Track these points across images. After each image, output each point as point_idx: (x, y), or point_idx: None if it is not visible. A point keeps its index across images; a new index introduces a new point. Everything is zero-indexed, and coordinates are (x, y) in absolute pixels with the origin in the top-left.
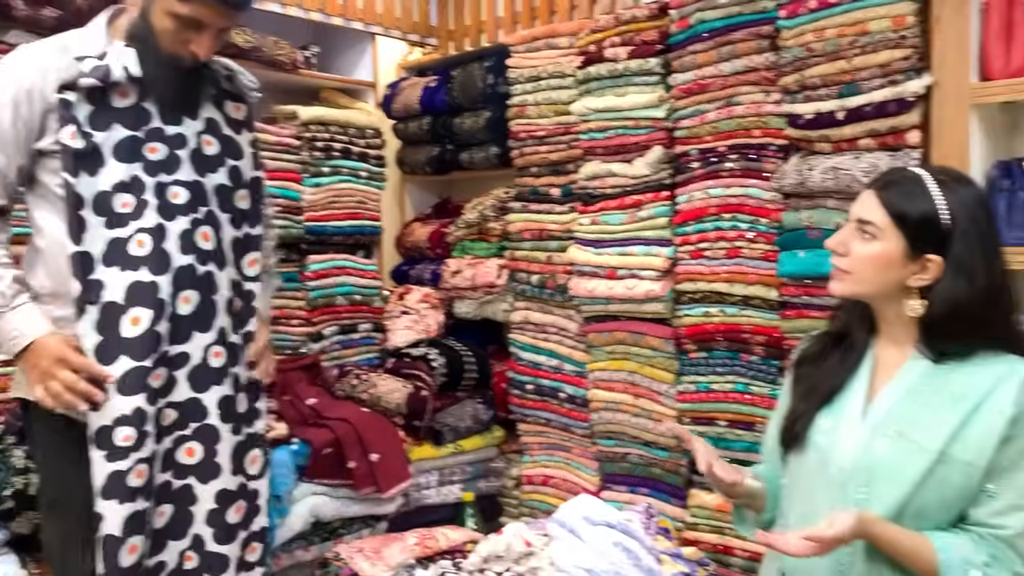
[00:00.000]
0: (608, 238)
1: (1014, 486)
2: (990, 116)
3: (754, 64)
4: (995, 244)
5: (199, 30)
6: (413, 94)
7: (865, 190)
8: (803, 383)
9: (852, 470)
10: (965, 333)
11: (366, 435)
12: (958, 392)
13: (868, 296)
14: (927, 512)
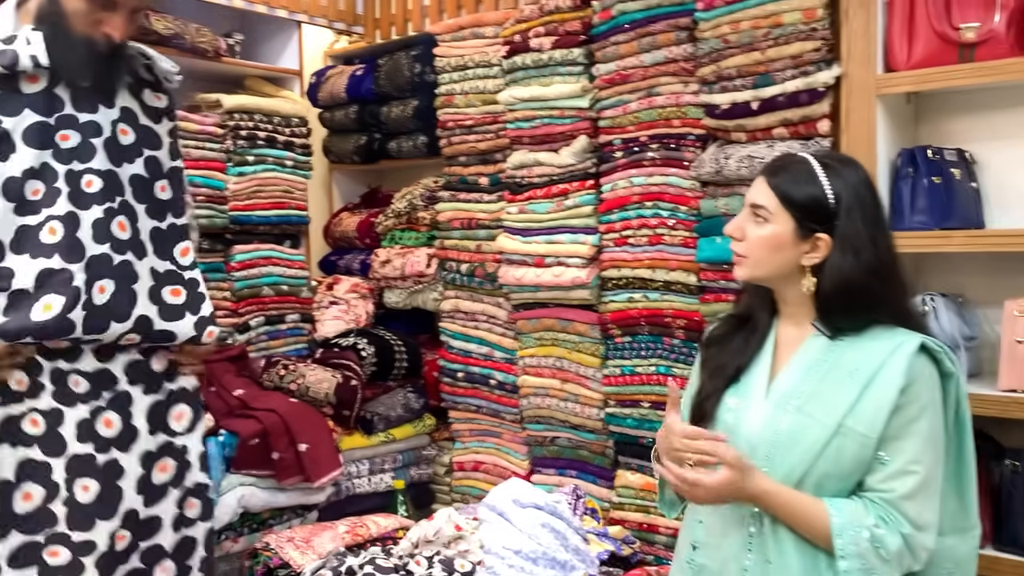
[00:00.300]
0: (536, 226)
1: (902, 453)
2: (895, 106)
3: (673, 55)
4: (880, 222)
5: (112, 10)
6: (339, 82)
7: (758, 177)
8: (711, 364)
9: (756, 444)
10: (856, 308)
11: (294, 425)
12: (852, 367)
13: (766, 278)
14: (826, 482)
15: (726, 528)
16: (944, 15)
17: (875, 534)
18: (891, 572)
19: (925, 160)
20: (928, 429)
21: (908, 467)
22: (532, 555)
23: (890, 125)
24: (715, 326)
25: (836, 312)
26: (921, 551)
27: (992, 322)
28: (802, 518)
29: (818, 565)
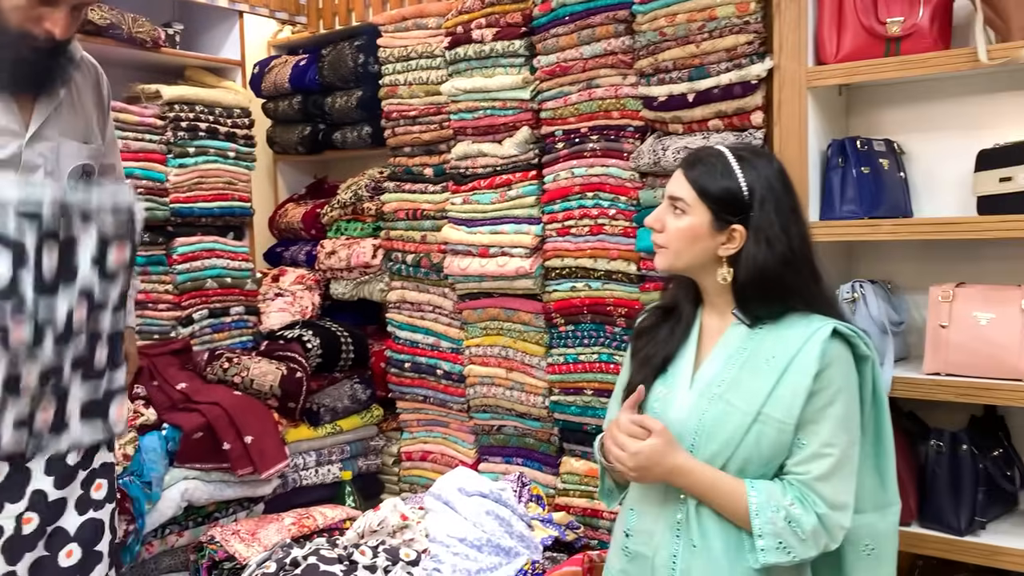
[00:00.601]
0: (480, 217)
1: (817, 436)
2: (827, 98)
3: (612, 47)
4: (793, 212)
5: (53, 5)
6: (283, 73)
7: (676, 170)
8: (639, 355)
9: (681, 432)
10: (771, 297)
11: (239, 418)
12: (770, 354)
13: (685, 268)
14: (747, 467)
15: (656, 515)
16: (871, 9)
17: (791, 514)
18: (807, 550)
19: (854, 151)
20: (842, 412)
21: (823, 450)
22: (477, 542)
23: (821, 117)
24: (643, 317)
25: (752, 301)
26: (837, 530)
27: (920, 308)
28: (724, 497)
29: (741, 546)
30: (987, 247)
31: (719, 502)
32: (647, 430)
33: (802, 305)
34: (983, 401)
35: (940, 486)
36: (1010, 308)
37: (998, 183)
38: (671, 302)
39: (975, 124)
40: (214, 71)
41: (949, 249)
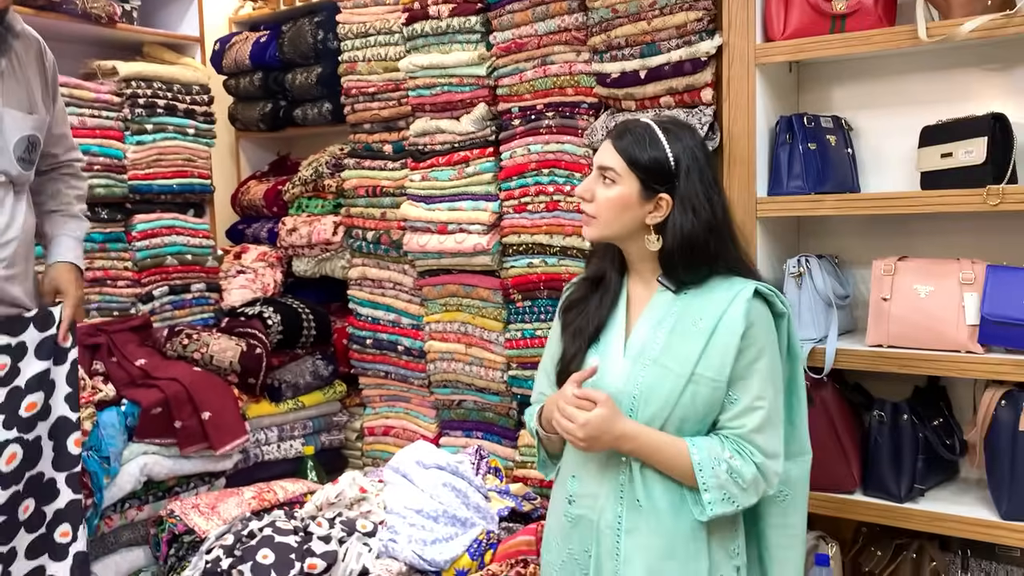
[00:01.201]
0: (438, 194)
1: (748, 391)
2: (777, 75)
3: (566, 24)
4: (715, 182)
5: None
6: (244, 49)
7: (604, 141)
8: (571, 327)
9: (619, 398)
10: (696, 262)
11: (197, 394)
12: (697, 316)
13: (615, 237)
14: (684, 425)
15: (599, 480)
16: None
17: (732, 466)
18: (748, 498)
19: (801, 127)
20: (768, 367)
21: (754, 403)
22: (433, 513)
23: (770, 93)
24: (571, 291)
25: (678, 267)
26: (773, 476)
27: (866, 282)
28: (667, 456)
29: (684, 501)
30: (928, 221)
31: (664, 463)
32: (592, 401)
33: (724, 269)
34: (924, 372)
35: (882, 455)
36: (948, 281)
37: (940, 159)
38: (597, 273)
39: (920, 100)
40: (173, 47)
41: (893, 224)
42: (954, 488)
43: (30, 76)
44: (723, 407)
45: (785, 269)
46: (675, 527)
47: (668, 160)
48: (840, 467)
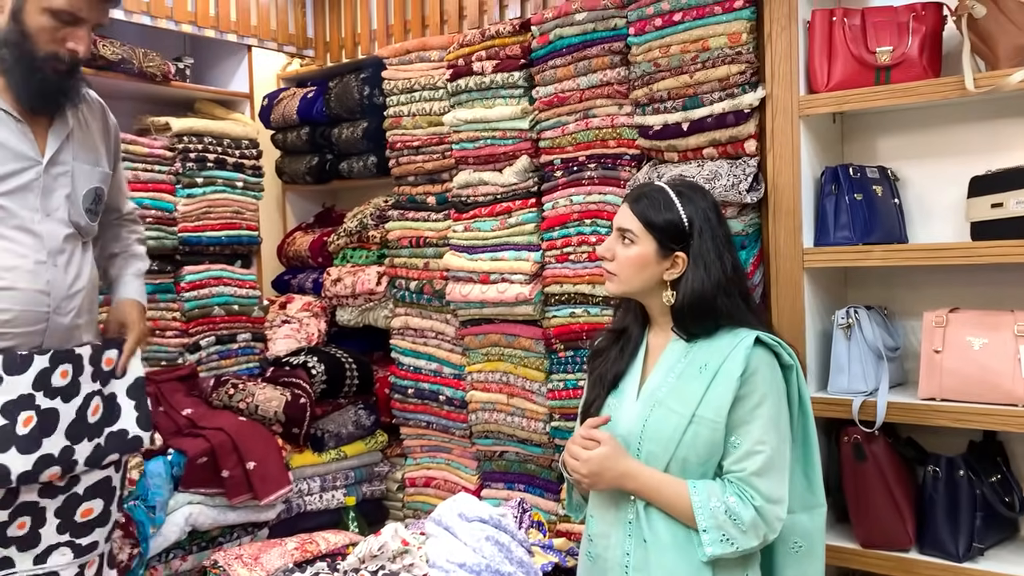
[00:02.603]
0: (481, 244)
1: (749, 435)
2: (821, 125)
3: (608, 78)
4: (727, 241)
5: (76, 24)
6: (291, 104)
7: (623, 204)
8: (594, 374)
9: (628, 438)
10: (706, 315)
11: (242, 443)
12: (703, 363)
13: (634, 292)
14: (688, 465)
15: (611, 518)
16: (861, 39)
17: (730, 507)
18: (748, 541)
19: (847, 178)
20: (771, 413)
21: (755, 447)
22: (476, 568)
23: (815, 144)
24: (598, 341)
25: (688, 320)
26: (774, 521)
27: (916, 333)
28: (668, 495)
29: (689, 540)
30: (980, 272)
31: (665, 501)
32: (596, 441)
33: (731, 322)
34: (979, 426)
35: (938, 512)
36: (1003, 333)
37: (990, 209)
38: (620, 325)
39: (968, 150)
40: (223, 103)
41: (942, 274)
42: (1014, 547)
43: (95, 134)
44: (726, 451)
45: (833, 320)
46: (680, 565)
47: (682, 222)
48: (894, 524)
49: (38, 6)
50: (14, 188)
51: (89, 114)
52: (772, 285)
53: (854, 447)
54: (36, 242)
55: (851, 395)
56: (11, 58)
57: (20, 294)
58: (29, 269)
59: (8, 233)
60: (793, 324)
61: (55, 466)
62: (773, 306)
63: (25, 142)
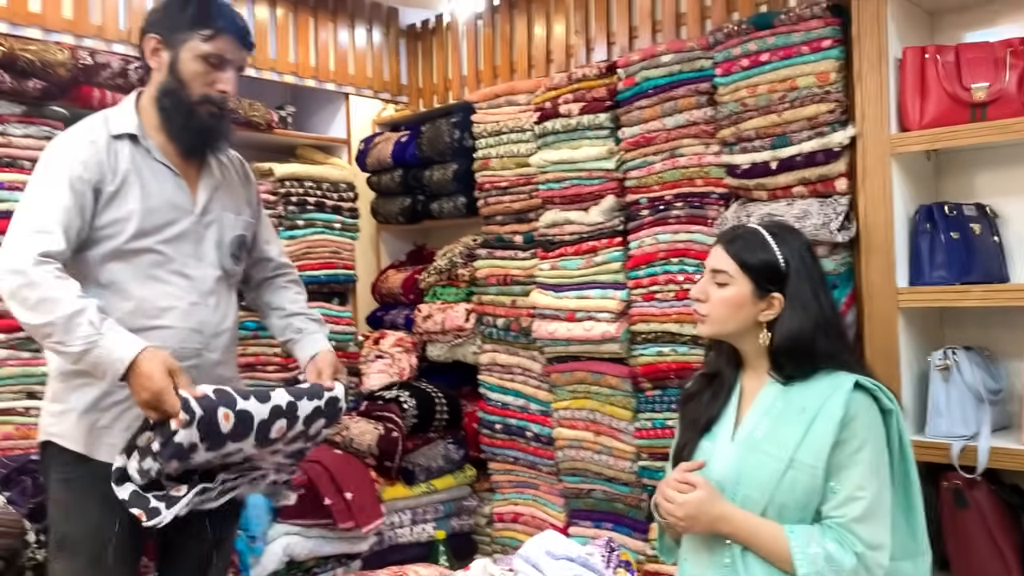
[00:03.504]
0: (567, 282)
1: (849, 481)
2: (914, 163)
3: (694, 118)
4: (822, 280)
5: (223, 67)
6: (386, 149)
7: (715, 245)
8: (687, 418)
9: (723, 482)
10: (803, 358)
11: (339, 475)
12: (801, 407)
13: (729, 334)
14: (786, 511)
15: (706, 562)
16: (955, 76)
17: (830, 553)
18: None
19: (942, 216)
20: (871, 459)
21: (856, 493)
22: None
23: (908, 182)
24: (689, 385)
25: (786, 361)
26: (876, 568)
27: (1021, 375)
28: (764, 540)
29: None
30: None
31: (761, 546)
32: (691, 484)
33: (831, 363)
34: None
35: None
36: None
37: None
38: (714, 369)
39: None
40: (323, 148)
41: None
42: None
43: (237, 186)
44: (824, 497)
45: (930, 362)
46: None
47: (778, 262)
48: (998, 574)
49: (190, 54)
50: (172, 236)
51: (231, 167)
52: (865, 325)
53: (954, 494)
54: (190, 284)
55: (950, 439)
56: (171, 106)
57: (176, 332)
58: (184, 309)
59: (166, 276)
60: (888, 365)
61: (283, 418)
62: (867, 347)
63: (181, 194)
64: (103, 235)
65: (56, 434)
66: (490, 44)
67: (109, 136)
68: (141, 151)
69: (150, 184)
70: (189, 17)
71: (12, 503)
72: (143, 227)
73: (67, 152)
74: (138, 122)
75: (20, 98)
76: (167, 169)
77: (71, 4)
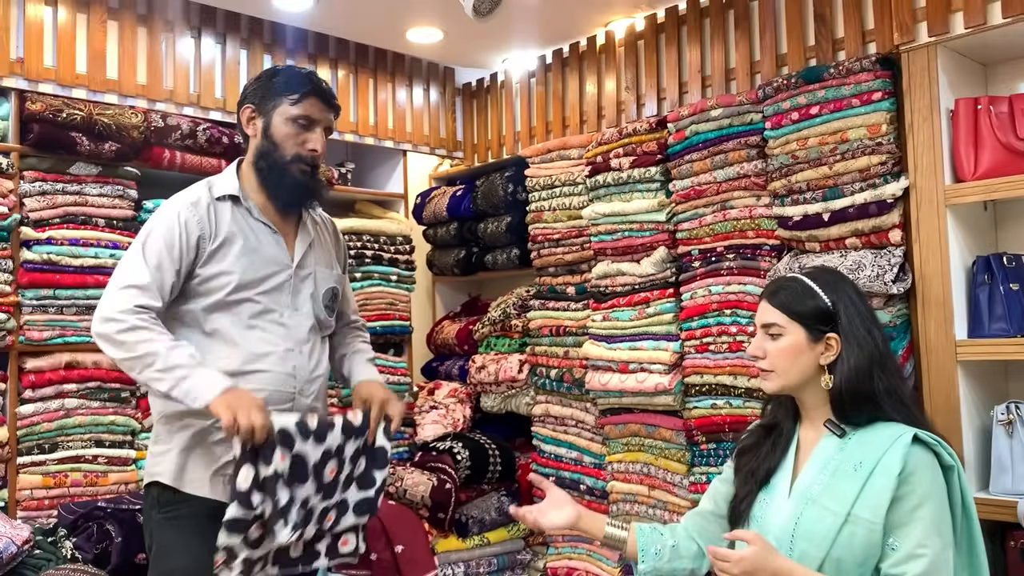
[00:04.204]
0: (619, 333)
1: (909, 538)
2: (970, 214)
3: (745, 171)
4: (871, 315)
5: (311, 128)
6: (442, 202)
7: (761, 301)
8: (743, 470)
9: (780, 536)
10: (864, 396)
11: (391, 527)
12: (858, 460)
13: (793, 385)
14: (843, 566)
15: None
16: (1009, 127)
17: None
18: None
19: (1001, 267)
20: (932, 516)
21: (916, 551)
22: None
23: (964, 233)
24: (744, 437)
25: (848, 403)
26: None
27: None
28: None
29: None
30: None
31: None
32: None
33: (889, 409)
34: None
35: None
36: None
37: None
38: (771, 421)
39: None
40: (380, 203)
41: None
42: None
43: (329, 244)
44: (884, 554)
45: (992, 416)
46: None
47: (826, 303)
48: None
49: (282, 118)
50: (270, 288)
51: (323, 226)
52: (924, 378)
53: (1021, 552)
54: (286, 332)
55: (1016, 497)
56: (267, 167)
57: (272, 376)
58: (280, 355)
59: (264, 325)
60: (948, 419)
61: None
62: (926, 400)
63: (279, 249)
64: (207, 288)
65: (158, 473)
66: (543, 101)
67: (212, 198)
68: (242, 211)
69: (250, 240)
70: (278, 84)
71: (78, 548)
72: (244, 280)
73: (169, 214)
74: (239, 185)
75: (97, 160)
76: (266, 227)
77: (145, 70)
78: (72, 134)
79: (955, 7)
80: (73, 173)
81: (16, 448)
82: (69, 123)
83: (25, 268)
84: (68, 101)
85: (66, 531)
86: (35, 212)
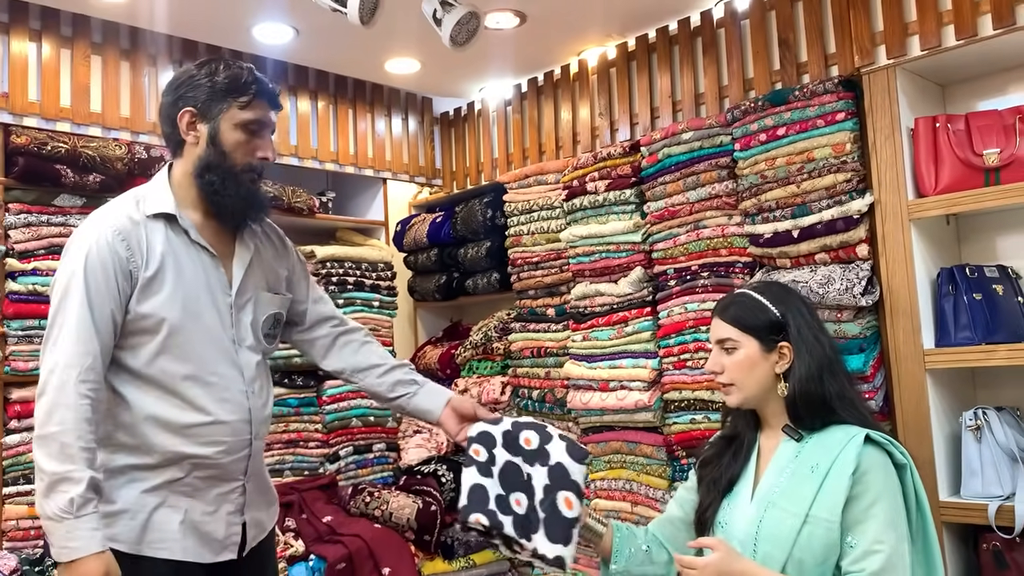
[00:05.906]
0: (599, 353)
1: (865, 535)
2: (933, 227)
3: (716, 191)
4: (819, 324)
5: (261, 133)
6: (422, 229)
7: (713, 318)
8: (706, 480)
9: (744, 540)
10: (817, 401)
11: (378, 550)
12: (814, 462)
13: (754, 396)
14: (804, 567)
15: None
16: (966, 143)
17: None
18: None
19: (964, 278)
20: (886, 512)
21: (873, 547)
22: None
23: (928, 246)
24: (706, 448)
25: (803, 408)
26: None
27: None
28: None
29: None
30: None
31: None
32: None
33: (841, 406)
34: None
35: None
36: None
37: None
38: (732, 432)
39: None
40: (361, 231)
41: None
42: None
43: (271, 260)
44: (843, 552)
45: (961, 422)
46: None
47: (775, 314)
48: None
49: (230, 124)
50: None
51: (264, 236)
52: (895, 387)
53: (994, 555)
54: (236, 375)
55: (986, 500)
56: (218, 180)
57: (229, 427)
58: (235, 402)
59: (211, 368)
60: (919, 426)
61: None
62: (897, 408)
63: (218, 276)
64: (141, 327)
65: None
66: (519, 128)
67: (143, 216)
68: (177, 231)
69: (186, 269)
70: (223, 85)
71: None
72: (184, 317)
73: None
74: (174, 202)
75: (81, 191)
76: (204, 250)
77: (128, 103)
78: (57, 166)
79: (911, 31)
80: (58, 205)
81: (2, 478)
82: (54, 156)
83: (10, 299)
84: (52, 134)
85: (53, 561)
86: (20, 244)
